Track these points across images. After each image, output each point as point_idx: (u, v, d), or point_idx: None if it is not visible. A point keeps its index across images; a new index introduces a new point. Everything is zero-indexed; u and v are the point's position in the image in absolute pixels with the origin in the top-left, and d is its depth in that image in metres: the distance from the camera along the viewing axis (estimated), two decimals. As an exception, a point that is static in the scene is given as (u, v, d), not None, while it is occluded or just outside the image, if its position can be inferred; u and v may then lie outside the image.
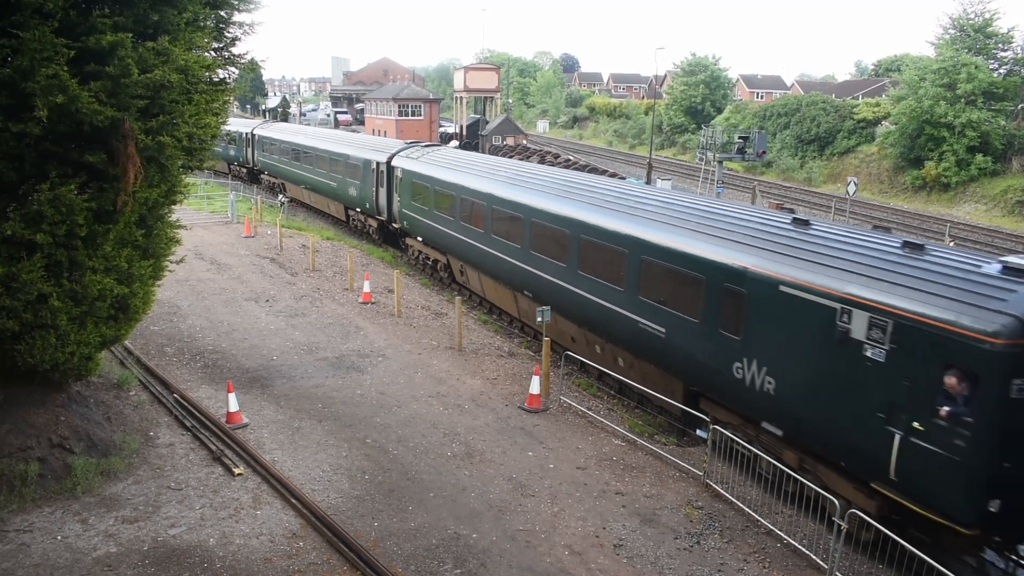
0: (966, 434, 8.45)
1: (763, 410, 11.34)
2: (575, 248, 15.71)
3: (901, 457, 9.15)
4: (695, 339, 12.51)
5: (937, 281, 9.14)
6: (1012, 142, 45.71)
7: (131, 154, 9.24)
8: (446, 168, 22.96)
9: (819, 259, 10.56)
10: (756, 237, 11.85)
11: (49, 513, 9.90)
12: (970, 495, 8.56)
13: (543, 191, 17.75)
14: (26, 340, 9.88)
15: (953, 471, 8.60)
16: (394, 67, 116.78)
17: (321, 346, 17.13)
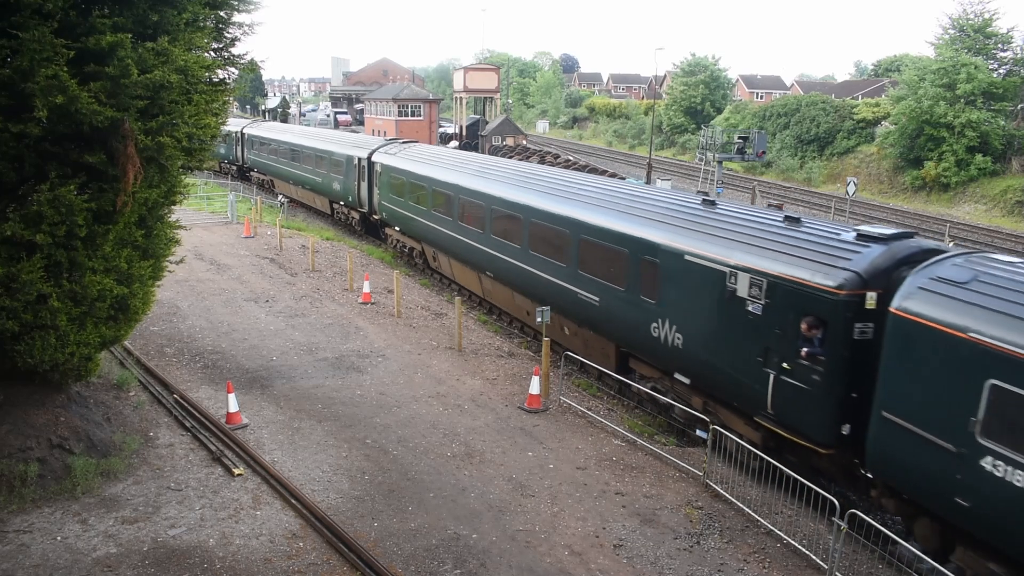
0: (821, 370, 10.23)
1: (675, 362, 13.22)
2: (527, 231, 17.58)
3: (775, 393, 10.97)
4: (622, 305, 14.37)
5: (803, 247, 11.03)
6: (1012, 142, 45.74)
7: (131, 154, 9.24)
8: (419, 163, 24.68)
9: (716, 233, 12.51)
10: (670, 216, 13.81)
11: (49, 514, 9.90)
12: (826, 421, 10.37)
13: (501, 181, 19.54)
14: (26, 341, 9.88)
15: (813, 402, 10.41)
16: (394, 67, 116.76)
17: (321, 346, 17.13)
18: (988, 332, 8.19)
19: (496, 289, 20.12)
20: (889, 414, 9.34)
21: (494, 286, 20.21)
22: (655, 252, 13.38)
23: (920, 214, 43.71)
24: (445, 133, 70.95)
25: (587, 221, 15.43)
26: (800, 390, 10.56)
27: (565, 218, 16.14)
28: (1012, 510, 7.93)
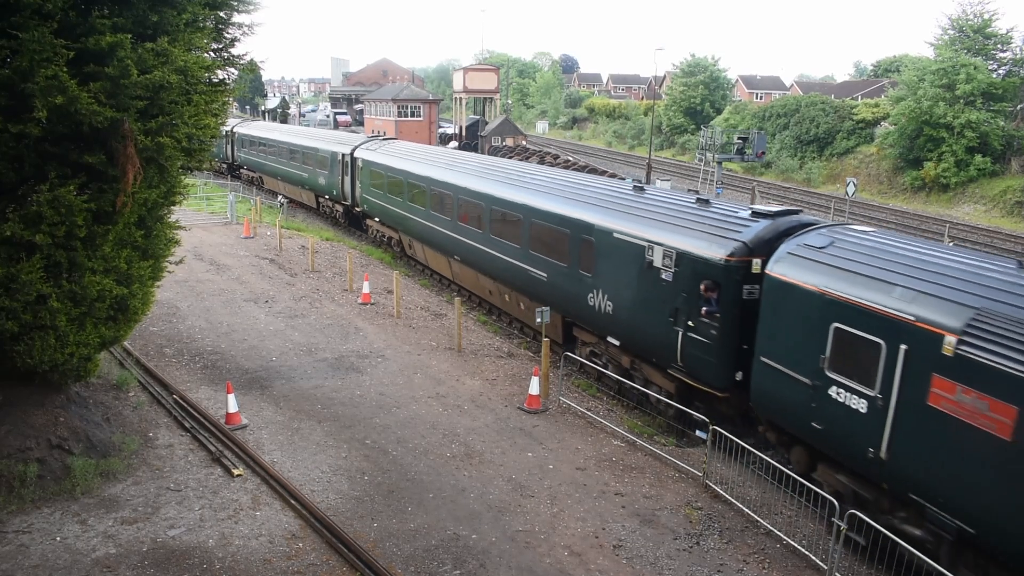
0: (717, 326, 12.13)
1: (607, 327, 15.10)
2: (487, 217, 19.42)
3: (683, 348, 12.85)
4: (565, 280, 16.23)
5: (706, 224, 12.90)
6: (1011, 143, 45.75)
7: (130, 155, 9.24)
8: (396, 158, 26.54)
9: (640, 214, 14.40)
10: (605, 201, 15.65)
11: (48, 514, 9.90)
12: (722, 369, 12.27)
13: (467, 174, 21.43)
14: (25, 341, 9.87)
15: (711, 353, 12.31)
16: (393, 68, 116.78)
17: (320, 347, 17.13)
18: (833, 286, 10.09)
19: (463, 272, 21.96)
20: (765, 358, 11.20)
21: (461, 269, 21.97)
22: (591, 232, 15.23)
23: (919, 214, 43.71)
24: (445, 134, 70.94)
25: (536, 206, 17.33)
26: (702, 344, 12.48)
27: (519, 204, 18.01)
28: (850, 428, 9.74)
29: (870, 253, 10.29)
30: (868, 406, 9.48)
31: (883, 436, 9.28)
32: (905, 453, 9.06)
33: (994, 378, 7.93)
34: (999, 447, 7.90)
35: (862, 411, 9.55)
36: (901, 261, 9.84)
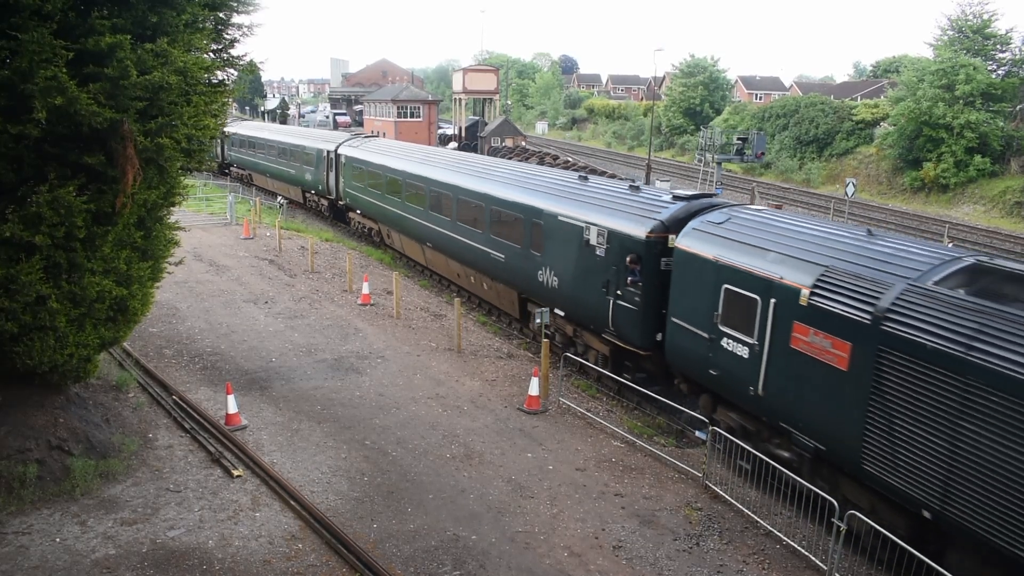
0: (640, 294, 14.00)
1: (554, 300, 16.85)
2: (455, 206, 21.17)
3: (614, 314, 14.66)
4: (519, 259, 18.00)
5: (634, 207, 14.75)
6: (1010, 143, 45.77)
7: (130, 156, 9.23)
8: (376, 154, 28.22)
9: (581, 199, 16.17)
10: (553, 189, 17.52)
11: (48, 515, 9.89)
12: (645, 331, 14.15)
13: (438, 167, 23.23)
14: (25, 342, 9.87)
15: (636, 317, 14.18)
16: (393, 68, 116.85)
17: (320, 348, 17.12)
18: (724, 254, 12.04)
19: (435, 257, 23.76)
20: (675, 319, 13.19)
21: (433, 255, 23.80)
22: (540, 216, 17.08)
23: (919, 215, 43.73)
24: (444, 134, 70.91)
25: (495, 195, 19.12)
26: (628, 310, 14.35)
27: (481, 194, 19.79)
28: (736, 371, 11.63)
29: (755, 227, 12.24)
30: (749, 352, 11.41)
31: (760, 376, 11.19)
32: (775, 389, 10.97)
33: (835, 321, 9.89)
34: (839, 376, 9.81)
35: (744, 356, 11.50)
36: (777, 232, 11.81)
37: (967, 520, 8.39)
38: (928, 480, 8.81)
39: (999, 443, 7.97)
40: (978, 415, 8.21)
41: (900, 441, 9.10)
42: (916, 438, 8.89)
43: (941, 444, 8.61)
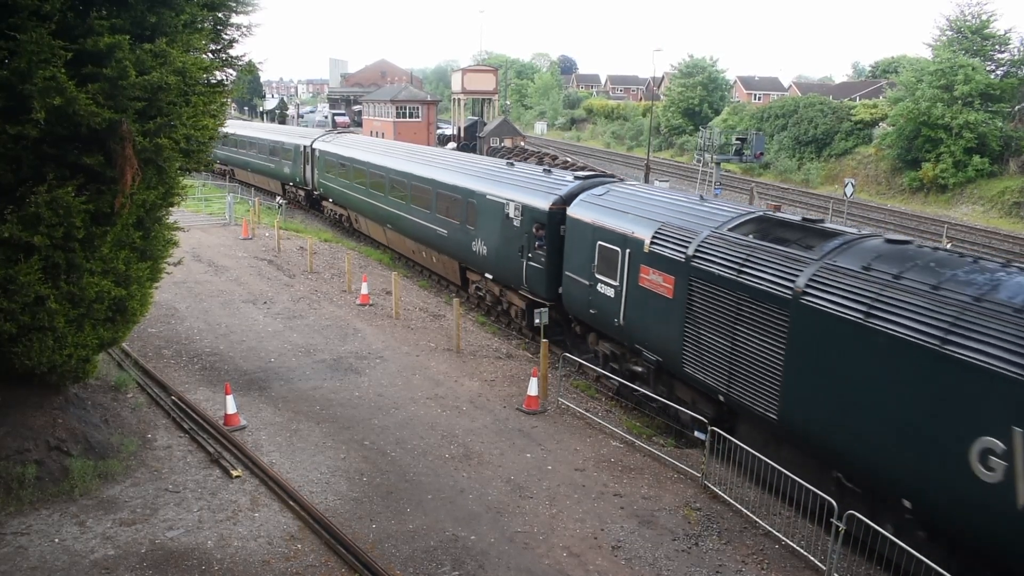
0: (544, 256, 17.23)
1: (484, 266, 20.19)
2: (409, 191, 24.62)
3: (526, 273, 17.99)
4: (458, 234, 21.32)
5: (544, 186, 18.15)
6: (1009, 143, 45.78)
7: (129, 156, 9.23)
8: (346, 147, 31.75)
9: (505, 181, 19.59)
10: (485, 173, 20.96)
11: (47, 516, 9.89)
12: (548, 285, 17.29)
13: (396, 157, 26.82)
14: (24, 342, 9.86)
15: (542, 274, 17.40)
16: (392, 69, 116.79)
17: (319, 348, 17.12)
18: (598, 219, 15.30)
19: (394, 237, 27.13)
20: (568, 272, 16.40)
21: (392, 235, 27.21)
22: (474, 196, 20.39)
23: (918, 215, 43.75)
24: (443, 135, 70.89)
25: (440, 180, 22.62)
26: (537, 269, 17.58)
27: (428, 179, 23.35)
28: (607, 309, 14.90)
29: (623, 197, 15.62)
30: (614, 292, 14.69)
31: (621, 310, 14.51)
32: (630, 318, 14.30)
33: (665, 261, 13.20)
34: (667, 303, 13.11)
35: (611, 296, 14.76)
36: (636, 200, 15.18)
37: (742, 397, 11.50)
38: (721, 372, 11.90)
39: (757, 339, 11.14)
40: (746, 320, 11.35)
41: (704, 346, 12.27)
42: (713, 342, 12.04)
43: (726, 344, 11.73)
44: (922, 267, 9.63)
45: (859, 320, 9.54)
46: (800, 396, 10.44)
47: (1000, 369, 7.96)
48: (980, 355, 8.21)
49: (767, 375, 10.91)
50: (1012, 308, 8.30)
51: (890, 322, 9.18)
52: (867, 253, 10.34)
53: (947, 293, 8.96)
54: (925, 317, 8.88)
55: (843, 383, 9.79)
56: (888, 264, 9.87)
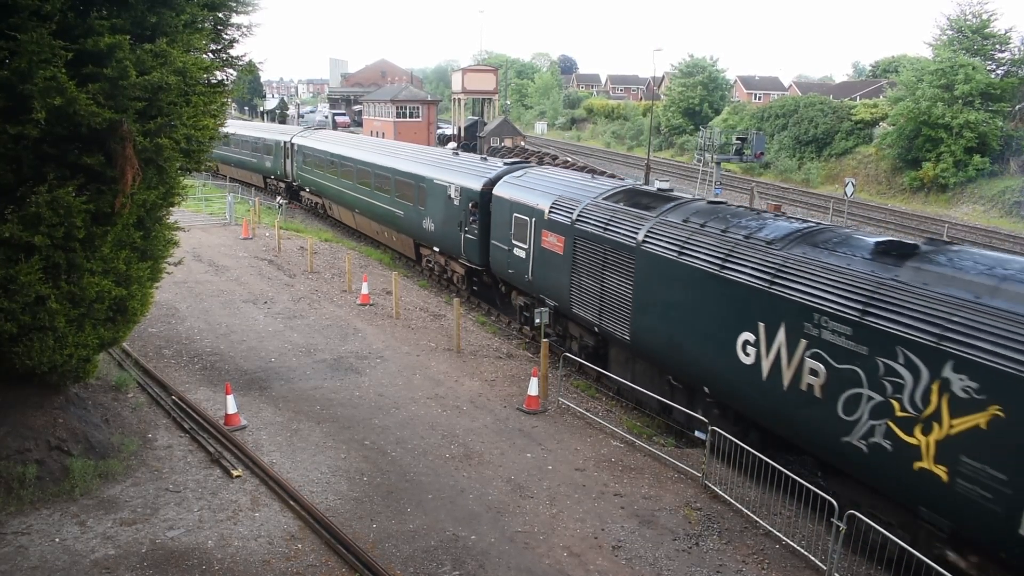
0: (477, 229, 20.61)
1: (432, 241, 23.78)
2: (373, 179, 28.20)
3: (464, 244, 21.46)
4: (412, 214, 24.89)
5: (479, 171, 21.58)
6: (1009, 143, 45.78)
7: (129, 156, 9.23)
8: (321, 142, 35.50)
9: (449, 168, 23.30)
10: (434, 161, 24.79)
11: (47, 515, 9.89)
12: (480, 253, 20.66)
13: (362, 150, 30.65)
14: (24, 342, 9.86)
15: (475, 244, 20.83)
16: (392, 69, 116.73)
17: (319, 348, 17.12)
18: (515, 195, 18.75)
19: (362, 221, 30.79)
20: (493, 241, 19.84)
21: (360, 219, 30.86)
22: (424, 181, 23.95)
23: (918, 215, 43.74)
24: (443, 134, 70.86)
25: (398, 168, 26.24)
26: (472, 240, 21.03)
27: (389, 167, 26.89)
28: (521, 268, 18.28)
29: (535, 179, 19.06)
30: (525, 253, 18.00)
31: (530, 268, 17.86)
32: (537, 274, 17.63)
33: (558, 226, 16.51)
34: (560, 259, 16.48)
35: (524, 257, 18.09)
36: (543, 180, 18.69)
37: (608, 326, 14.90)
38: (594, 308, 15.39)
39: (616, 280, 14.55)
40: (609, 266, 14.75)
41: (584, 290, 15.70)
42: (589, 286, 15.50)
43: (597, 286, 15.21)
44: (720, 218, 12.94)
45: (674, 258, 12.98)
46: (641, 320, 13.95)
47: (753, 283, 11.26)
48: (742, 275, 11.52)
49: (622, 307, 14.44)
50: (764, 241, 11.65)
51: (693, 257, 12.58)
52: (688, 211, 13.76)
53: (729, 235, 12.28)
54: (713, 251, 12.24)
55: (666, 306, 13.25)
56: (699, 217, 13.28)
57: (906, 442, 9.05)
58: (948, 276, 9.21)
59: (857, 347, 9.64)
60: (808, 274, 10.55)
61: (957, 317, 8.64)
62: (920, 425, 8.88)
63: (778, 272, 10.95)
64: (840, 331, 9.85)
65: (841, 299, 9.91)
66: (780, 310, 10.76)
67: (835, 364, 9.93)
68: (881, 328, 9.31)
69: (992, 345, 8.22)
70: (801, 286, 10.53)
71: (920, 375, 8.89)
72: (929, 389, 8.79)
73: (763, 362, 11.01)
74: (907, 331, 9.03)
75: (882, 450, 9.36)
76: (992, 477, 8.19)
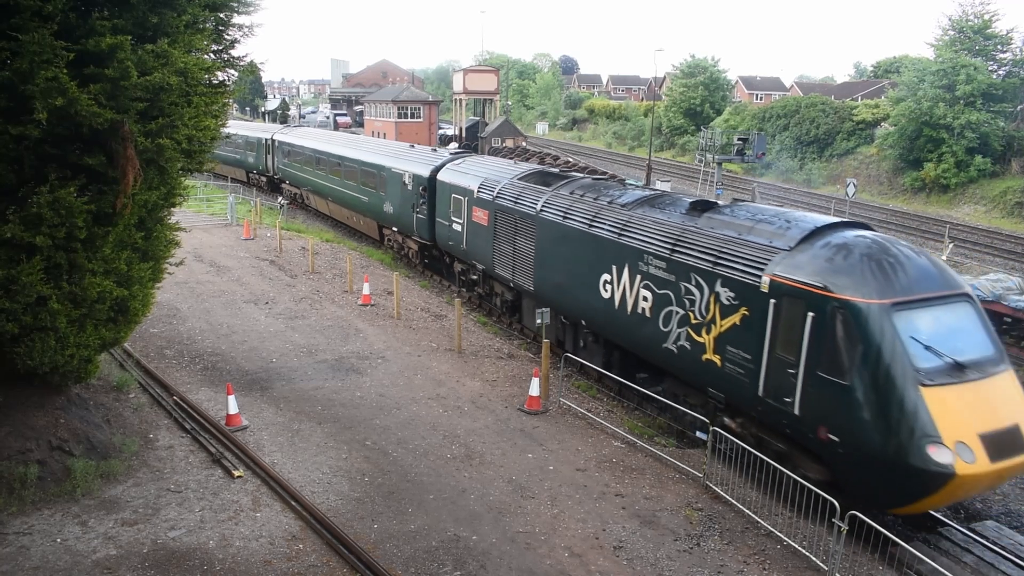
0: (427, 209, 23.62)
1: (391, 222, 27.18)
2: (346, 170, 31.16)
3: (415, 223, 24.58)
4: (375, 199, 28.27)
5: (428, 160, 24.76)
6: (1011, 143, 45.70)
7: (130, 156, 9.23)
8: (299, 138, 39.05)
9: (404, 158, 26.39)
10: (392, 153, 28.30)
11: (49, 515, 9.90)
12: (430, 230, 23.77)
13: (334, 144, 34.14)
14: (25, 343, 9.87)
15: (425, 223, 23.89)
16: (393, 69, 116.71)
17: (321, 348, 17.12)
18: (453, 179, 22.07)
19: (335, 208, 33.93)
20: (438, 218, 22.88)
21: (333, 206, 34.07)
22: (384, 170, 27.22)
23: (919, 215, 43.69)
24: (445, 135, 70.83)
25: (363, 159, 29.72)
26: (422, 219, 24.14)
27: (355, 159, 30.35)
28: (457, 239, 21.64)
29: (470, 165, 22.57)
30: (461, 227, 21.34)
31: (464, 239, 21.15)
32: (470, 244, 20.91)
33: (484, 202, 19.79)
34: (485, 229, 19.71)
35: (460, 230, 21.43)
36: (476, 167, 22.13)
37: (519, 281, 18.36)
38: (509, 267, 18.71)
39: (524, 243, 17.89)
40: (519, 232, 18.08)
41: (502, 253, 19.01)
42: (506, 250, 18.81)
43: (511, 249, 18.56)
44: (595, 189, 16.71)
45: (560, 221, 16.49)
46: (541, 273, 17.33)
47: (609, 236, 14.84)
48: (602, 230, 15.06)
49: (528, 264, 17.79)
50: (620, 205, 15.29)
51: (573, 219, 16.10)
52: (575, 186, 17.49)
53: (598, 201, 15.89)
54: (585, 214, 15.83)
55: (556, 260, 16.67)
56: (581, 190, 16.97)
57: (698, 341, 12.51)
58: (726, 222, 12.77)
59: (668, 276, 13.17)
60: (642, 226, 14.13)
61: (724, 249, 12.13)
62: (705, 328, 12.35)
63: (624, 226, 14.52)
64: (659, 265, 13.41)
65: (659, 242, 13.49)
66: (624, 254, 14.27)
67: (657, 290, 13.49)
68: (682, 261, 12.85)
69: (741, 265, 11.65)
70: (637, 235, 14.10)
71: (704, 291, 12.34)
72: (709, 301, 12.22)
73: (615, 295, 14.62)
74: (696, 261, 12.54)
75: (685, 349, 12.85)
76: (743, 358, 11.55)
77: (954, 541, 10.91)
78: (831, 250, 10.78)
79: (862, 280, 10.16)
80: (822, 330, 10.25)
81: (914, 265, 10.53)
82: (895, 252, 10.63)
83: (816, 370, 10.31)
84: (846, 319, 10.03)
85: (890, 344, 9.73)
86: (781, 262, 11.07)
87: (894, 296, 10.04)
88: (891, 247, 10.75)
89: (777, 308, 10.93)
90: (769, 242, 11.58)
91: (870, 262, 10.37)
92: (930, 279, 10.52)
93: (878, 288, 10.05)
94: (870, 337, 9.81)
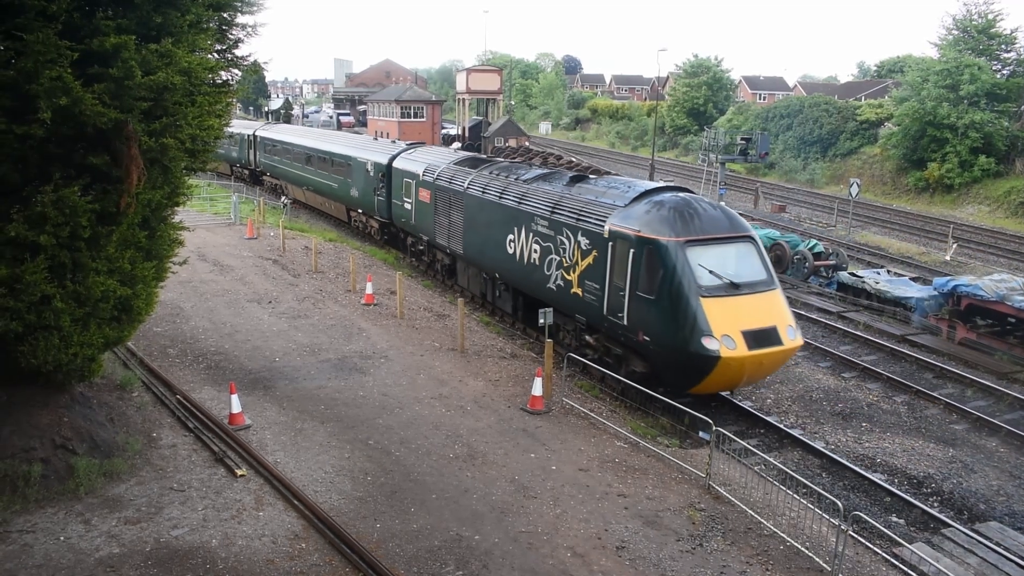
0: (385, 191, 27.55)
1: (357, 205, 30.83)
2: (319, 161, 34.63)
3: (377, 205, 28.52)
4: (343, 185, 31.72)
5: (387, 150, 28.69)
6: (1015, 143, 45.59)
7: (134, 156, 9.25)
8: (279, 133, 42.55)
9: (367, 149, 30.27)
10: (358, 145, 32.06)
11: (52, 514, 9.92)
12: (388, 211, 27.73)
13: (309, 138, 37.79)
14: (29, 341, 9.88)
15: (383, 203, 27.88)
16: (396, 69, 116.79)
17: (323, 347, 17.14)
18: (405, 166, 25.92)
19: (310, 196, 37.27)
20: (393, 200, 26.70)
21: (309, 194, 37.37)
22: (351, 160, 30.56)
23: (923, 215, 43.60)
24: (448, 135, 70.81)
25: (333, 151, 33.10)
26: (382, 200, 27.62)
27: (326, 151, 33.76)
28: (408, 217, 25.65)
29: (419, 154, 26.20)
30: (410, 205, 24.90)
31: (413, 215, 24.83)
32: (417, 219, 24.49)
33: (427, 184, 23.53)
34: (429, 207, 23.41)
35: (409, 208, 25.03)
36: (423, 155, 25.86)
37: (453, 247, 22.03)
38: (446, 236, 22.36)
39: (456, 215, 21.45)
40: (452, 205, 21.78)
41: (442, 225, 22.52)
42: (445, 222, 22.31)
43: (447, 221, 22.11)
44: (508, 169, 20.35)
45: (479, 195, 20.11)
46: (468, 239, 20.95)
47: (513, 204, 18.50)
48: (509, 200, 18.68)
49: (459, 232, 21.40)
50: (523, 180, 18.96)
51: (489, 193, 19.69)
52: (495, 167, 20.98)
53: (508, 179, 19.53)
54: (498, 188, 19.46)
55: (477, 226, 20.35)
56: (498, 170, 20.55)
57: (568, 279, 16.22)
58: (590, 189, 16.72)
59: (549, 231, 16.90)
60: (535, 196, 17.89)
61: (584, 209, 15.96)
62: (572, 268, 16.08)
63: (523, 196, 18.25)
64: (544, 224, 17.14)
65: (545, 206, 17.24)
66: (523, 217, 17.96)
67: (542, 243, 17.19)
68: (558, 219, 16.61)
69: (593, 219, 15.50)
70: (531, 202, 17.79)
71: (571, 241, 16.05)
72: (574, 248, 15.94)
73: (517, 251, 18.31)
74: (566, 218, 16.33)
75: (560, 287, 16.59)
76: (594, 288, 15.34)
77: (957, 542, 10.91)
78: (649, 205, 14.61)
79: (665, 225, 13.95)
80: (639, 261, 14.09)
81: (708, 215, 14.33)
82: (696, 206, 14.44)
83: (636, 291, 14.13)
84: (652, 252, 13.82)
85: (682, 269, 13.49)
86: (617, 215, 14.93)
87: (688, 236, 13.77)
88: (694, 203, 14.57)
89: (613, 248, 14.73)
90: (612, 202, 15.44)
91: (673, 212, 14.16)
92: (719, 224, 14.29)
93: (676, 231, 13.81)
94: (668, 264, 13.60)
